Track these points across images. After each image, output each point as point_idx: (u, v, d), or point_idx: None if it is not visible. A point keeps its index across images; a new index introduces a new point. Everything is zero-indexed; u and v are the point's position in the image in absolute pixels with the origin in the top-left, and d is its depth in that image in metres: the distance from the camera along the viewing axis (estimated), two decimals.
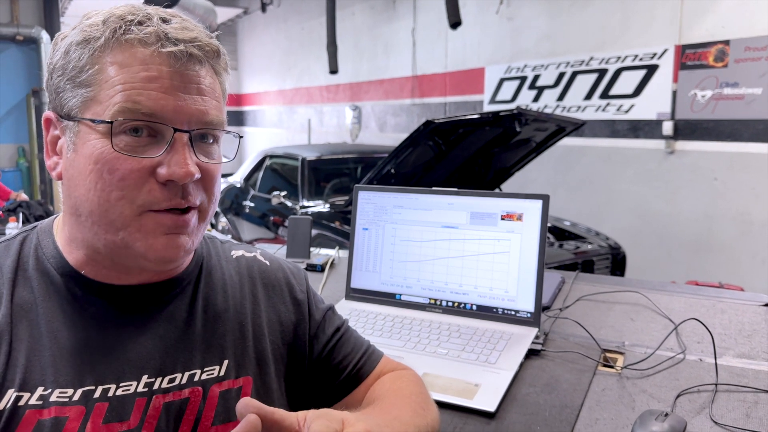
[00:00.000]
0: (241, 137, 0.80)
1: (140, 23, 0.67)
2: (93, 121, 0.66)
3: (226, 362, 0.77)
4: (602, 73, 5.52)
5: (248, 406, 0.54)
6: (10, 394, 0.65)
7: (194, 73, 0.68)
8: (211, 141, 0.72)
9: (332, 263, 1.78)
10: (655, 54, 5.08)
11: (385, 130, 8.67)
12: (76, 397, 0.67)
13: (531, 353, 1.18)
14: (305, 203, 4.63)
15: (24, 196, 4.93)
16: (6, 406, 0.64)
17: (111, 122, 0.65)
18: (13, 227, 3.60)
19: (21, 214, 4.00)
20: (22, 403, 0.65)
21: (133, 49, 0.66)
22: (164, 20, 0.69)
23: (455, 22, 5.19)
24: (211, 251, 0.85)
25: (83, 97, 0.67)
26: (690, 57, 4.82)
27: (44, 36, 8.40)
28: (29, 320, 0.69)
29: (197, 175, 0.68)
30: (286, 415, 0.57)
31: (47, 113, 0.72)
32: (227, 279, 0.83)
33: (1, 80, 8.47)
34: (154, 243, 0.67)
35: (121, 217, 0.67)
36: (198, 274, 0.81)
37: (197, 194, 0.70)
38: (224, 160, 0.74)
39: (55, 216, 0.79)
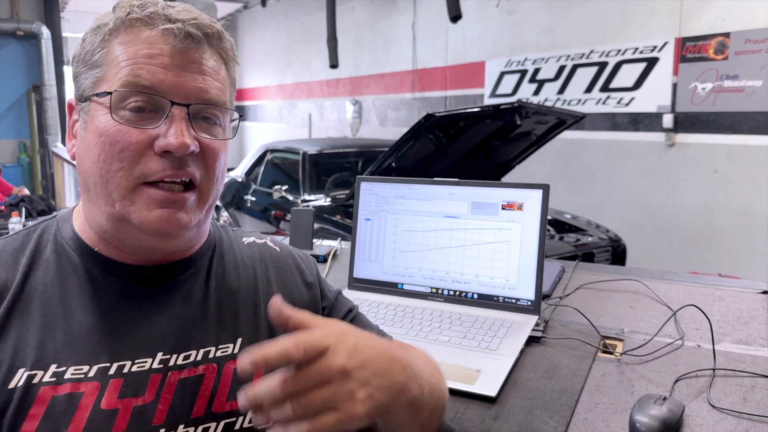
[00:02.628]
0: (241, 116, 0.81)
1: (144, 6, 0.71)
2: (98, 95, 0.70)
3: (239, 340, 0.79)
4: (602, 66, 5.52)
5: (279, 309, 0.59)
6: (21, 373, 0.67)
7: (197, 54, 0.72)
8: (214, 122, 0.74)
9: (335, 254, 1.79)
10: (655, 47, 5.08)
11: (386, 124, 8.68)
12: (91, 374, 0.69)
13: (531, 340, 1.19)
14: (306, 197, 4.65)
15: (26, 191, 4.96)
16: (17, 384, 0.66)
17: (111, 93, 0.69)
18: (16, 222, 3.61)
19: (23, 209, 4.02)
20: (35, 381, 0.67)
21: (137, 29, 0.71)
22: (168, 5, 0.73)
23: (455, 16, 5.19)
24: (223, 237, 0.88)
25: (94, 77, 0.71)
26: (690, 50, 4.82)
27: (44, 31, 8.40)
28: (45, 299, 0.71)
29: (193, 148, 0.70)
30: (309, 318, 0.61)
31: (70, 99, 0.77)
32: (239, 261, 0.86)
33: (2, 76, 8.48)
34: (148, 216, 0.70)
35: (118, 188, 0.69)
36: (211, 256, 0.83)
37: (196, 169, 0.72)
38: (226, 137, 0.77)
39: (74, 206, 0.82)
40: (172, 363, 0.73)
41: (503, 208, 1.33)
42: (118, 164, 0.69)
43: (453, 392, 1.01)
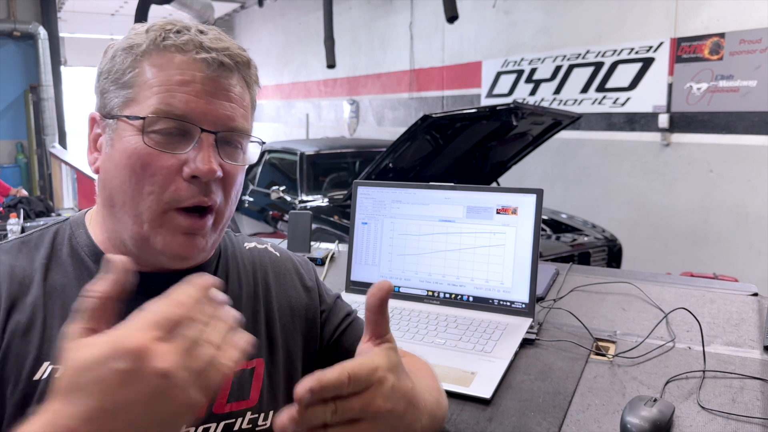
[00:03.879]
0: (263, 143, 0.84)
1: (179, 32, 0.73)
2: (129, 117, 0.72)
3: None
4: (598, 66, 5.55)
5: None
6: (46, 366, 0.70)
7: (225, 81, 0.74)
8: (236, 146, 0.77)
9: (332, 257, 1.81)
10: (650, 47, 5.10)
11: (383, 124, 8.70)
12: None
13: (525, 342, 1.21)
14: (304, 198, 4.66)
15: (24, 192, 4.95)
16: (42, 377, 0.69)
17: (143, 118, 0.71)
18: (14, 223, 3.62)
19: (21, 210, 4.02)
20: (58, 375, 0.69)
21: (170, 54, 0.72)
22: (201, 32, 0.74)
23: (452, 16, 5.20)
24: (227, 244, 0.91)
25: (124, 97, 0.73)
26: (685, 50, 4.85)
27: (41, 32, 8.38)
28: (63, 300, 0.74)
29: (219, 173, 0.73)
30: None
31: (92, 113, 0.78)
32: (241, 268, 0.89)
33: None
34: (172, 241, 0.73)
35: (148, 210, 0.72)
36: (216, 263, 0.86)
37: (218, 194, 0.75)
38: (246, 162, 0.79)
39: (86, 210, 0.84)
40: None
41: (498, 213, 1.35)
42: (149, 187, 0.71)
43: (448, 394, 1.02)
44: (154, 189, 0.71)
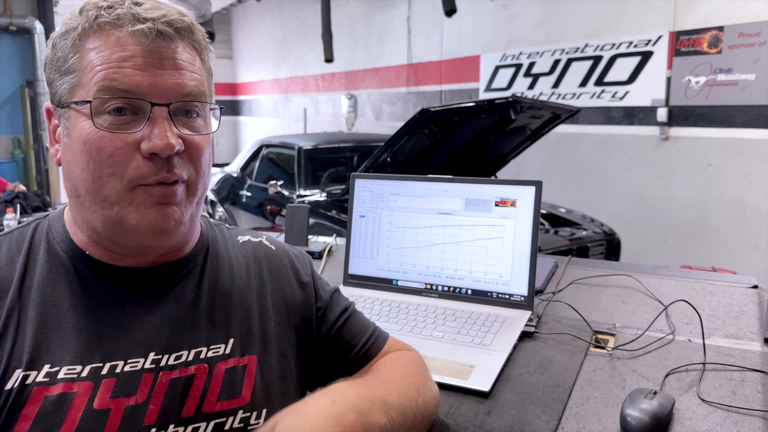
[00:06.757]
0: (222, 108, 0.81)
1: (111, 7, 0.70)
2: (77, 103, 0.70)
3: (231, 341, 0.79)
4: (597, 60, 5.53)
5: None
6: (18, 374, 0.67)
7: (169, 49, 0.71)
8: (195, 115, 0.74)
9: (330, 250, 1.80)
10: (649, 41, 5.09)
11: (381, 118, 8.68)
12: (84, 374, 0.69)
13: (524, 335, 1.21)
14: (302, 192, 4.65)
15: (21, 187, 4.92)
16: (13, 386, 0.67)
17: (90, 101, 0.69)
18: (11, 218, 3.61)
19: (18, 205, 4.01)
20: (29, 381, 0.67)
21: (106, 32, 0.70)
22: (135, 3, 0.71)
23: (450, 10, 5.18)
24: (217, 236, 0.88)
25: (69, 83, 0.71)
26: (684, 43, 4.83)
27: (38, 26, 8.34)
28: (38, 301, 0.72)
29: (178, 147, 0.70)
30: None
31: (47, 104, 0.76)
32: (233, 261, 0.86)
33: None
34: (145, 214, 0.70)
35: (113, 192, 0.70)
36: (205, 257, 0.83)
37: (184, 168, 0.72)
38: (210, 131, 0.76)
39: (65, 205, 0.82)
40: (163, 363, 0.73)
41: (497, 205, 1.34)
42: (109, 169, 0.69)
43: (447, 387, 1.02)
44: (115, 170, 0.69)
